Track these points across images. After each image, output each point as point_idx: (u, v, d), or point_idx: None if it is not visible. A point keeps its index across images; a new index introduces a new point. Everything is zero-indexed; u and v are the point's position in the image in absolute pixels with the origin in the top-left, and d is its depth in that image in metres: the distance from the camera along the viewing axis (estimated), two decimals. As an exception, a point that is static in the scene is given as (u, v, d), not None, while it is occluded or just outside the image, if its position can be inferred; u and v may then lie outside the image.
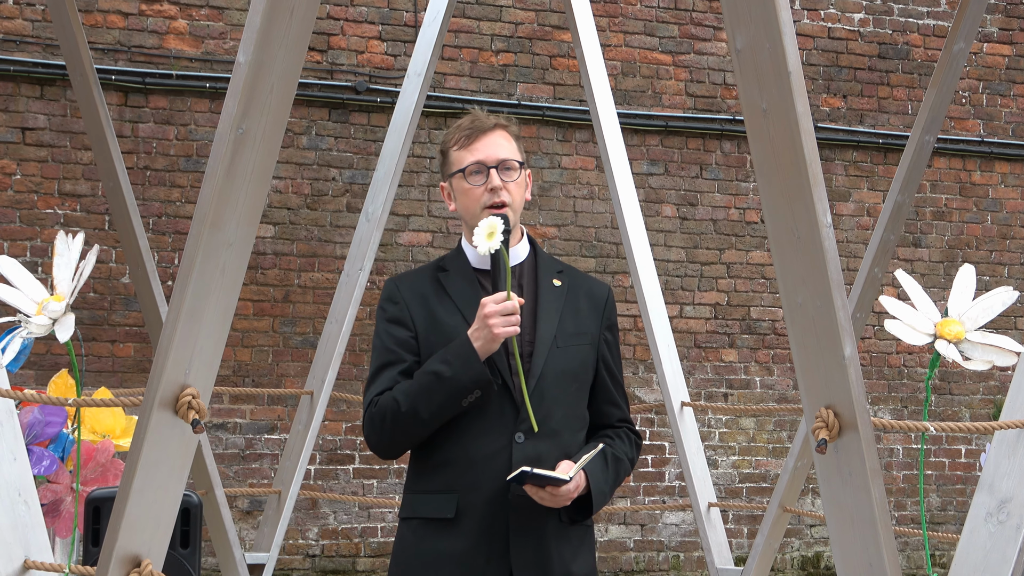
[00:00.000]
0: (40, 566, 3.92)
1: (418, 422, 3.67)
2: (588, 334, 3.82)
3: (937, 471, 12.28)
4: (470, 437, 3.70)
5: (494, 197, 3.76)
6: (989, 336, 3.40)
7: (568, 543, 3.73)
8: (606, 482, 3.75)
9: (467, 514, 3.67)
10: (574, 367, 3.78)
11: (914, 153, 6.95)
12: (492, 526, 3.66)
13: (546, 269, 3.87)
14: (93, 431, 5.63)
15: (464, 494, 3.68)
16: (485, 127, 3.83)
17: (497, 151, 3.80)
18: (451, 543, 3.67)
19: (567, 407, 3.76)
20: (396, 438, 3.72)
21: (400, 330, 3.77)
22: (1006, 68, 12.66)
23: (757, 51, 2.88)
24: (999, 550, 3.96)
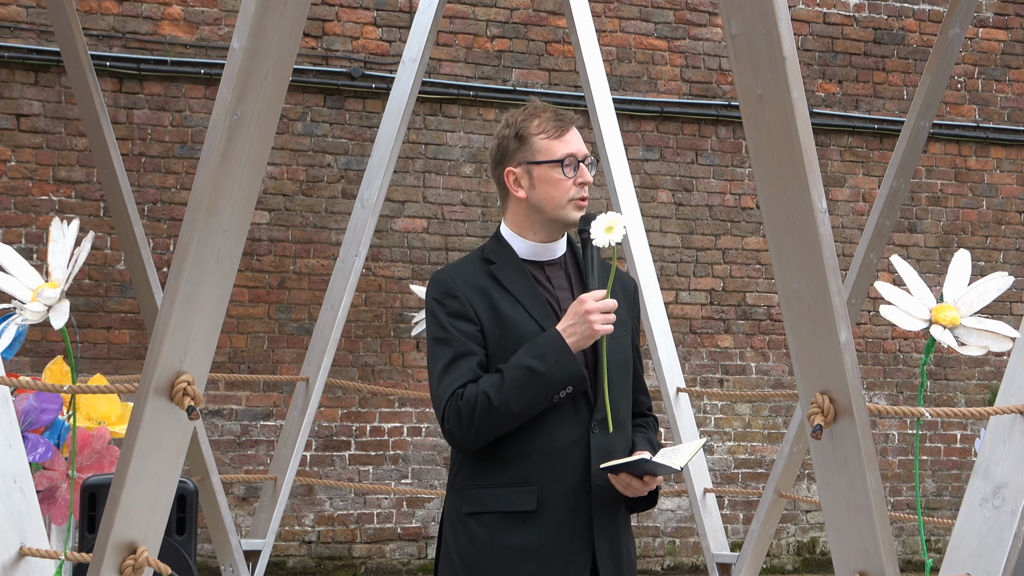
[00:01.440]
0: (36, 553, 3.92)
1: (509, 416, 3.64)
2: (627, 324, 3.84)
3: (932, 456, 12.30)
4: (546, 430, 3.69)
5: (582, 191, 3.77)
6: (984, 321, 3.40)
7: (629, 532, 3.83)
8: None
9: (547, 506, 3.66)
10: (626, 358, 3.82)
11: (909, 138, 6.95)
12: (572, 518, 3.67)
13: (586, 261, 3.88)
14: (88, 418, 5.63)
15: (543, 486, 3.66)
16: (571, 120, 3.84)
17: (583, 146, 3.82)
18: (531, 536, 3.66)
19: (626, 396, 3.82)
20: (483, 431, 3.66)
21: (465, 324, 3.73)
22: (1001, 53, 12.65)
23: (752, 36, 2.88)
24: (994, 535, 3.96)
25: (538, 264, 3.82)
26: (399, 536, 10.86)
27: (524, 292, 3.75)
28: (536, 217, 3.79)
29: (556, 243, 3.84)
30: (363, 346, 10.78)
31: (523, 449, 3.68)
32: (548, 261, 3.83)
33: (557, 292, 3.80)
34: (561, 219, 3.77)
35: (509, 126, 3.83)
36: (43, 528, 4.02)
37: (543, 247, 3.82)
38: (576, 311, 3.65)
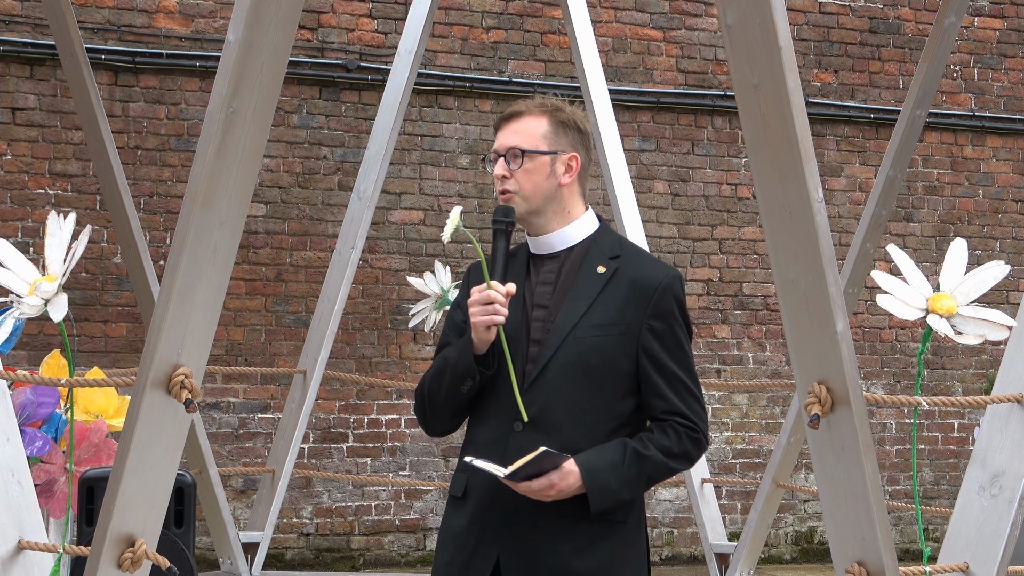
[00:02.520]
0: (34, 546, 3.92)
1: (435, 403, 3.75)
2: (621, 323, 3.70)
3: (930, 445, 12.31)
4: (480, 421, 3.74)
5: (500, 184, 3.77)
6: (981, 310, 3.40)
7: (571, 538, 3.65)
8: (617, 479, 3.63)
9: (471, 494, 3.70)
10: (590, 359, 3.68)
11: (906, 128, 6.95)
12: (489, 508, 3.66)
13: (597, 254, 3.79)
14: (86, 411, 5.62)
15: (472, 475, 3.69)
16: (509, 113, 3.84)
17: (509, 138, 3.79)
18: (458, 521, 3.72)
19: (573, 400, 3.68)
20: (427, 417, 3.82)
21: (458, 313, 3.83)
22: (997, 42, 12.65)
23: (748, 27, 2.88)
24: (992, 524, 3.97)
25: (540, 258, 3.81)
26: (397, 528, 10.87)
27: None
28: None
29: (549, 237, 3.80)
30: (360, 338, 10.78)
31: (469, 438, 3.76)
32: (549, 255, 3.80)
33: (537, 287, 3.77)
34: None
35: None
36: (41, 522, 4.03)
37: (535, 241, 3.81)
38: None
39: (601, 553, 3.66)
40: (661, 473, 3.70)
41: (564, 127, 3.82)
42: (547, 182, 3.77)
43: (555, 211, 3.79)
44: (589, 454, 3.63)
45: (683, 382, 3.72)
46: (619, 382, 3.71)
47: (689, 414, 3.71)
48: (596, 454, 3.64)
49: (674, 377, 3.71)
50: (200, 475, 7.60)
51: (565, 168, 3.79)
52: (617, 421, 3.72)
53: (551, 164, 3.78)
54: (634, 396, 3.73)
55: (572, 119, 3.84)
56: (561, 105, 3.86)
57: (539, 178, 3.76)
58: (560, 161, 3.79)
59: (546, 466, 3.56)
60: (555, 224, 3.80)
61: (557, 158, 3.78)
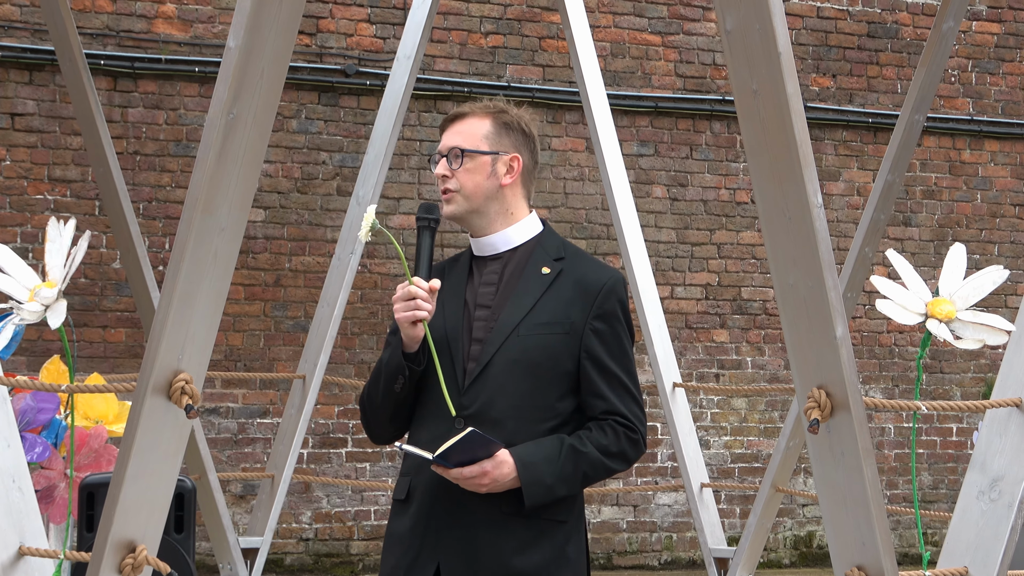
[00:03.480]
0: (35, 552, 3.92)
1: (374, 407, 3.79)
2: (565, 323, 3.73)
3: (929, 450, 12.31)
4: (421, 421, 3.76)
5: (442, 184, 3.79)
6: (980, 315, 3.41)
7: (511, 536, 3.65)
8: (552, 474, 3.63)
9: (414, 496, 3.71)
10: (534, 356, 3.70)
11: (904, 132, 6.96)
12: (431, 509, 3.67)
13: (541, 255, 3.82)
14: (86, 417, 5.63)
15: (414, 476, 3.72)
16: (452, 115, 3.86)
17: (451, 139, 3.82)
18: (402, 523, 3.73)
19: (516, 397, 3.69)
20: (370, 422, 3.86)
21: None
22: (995, 46, 12.66)
23: (747, 32, 2.89)
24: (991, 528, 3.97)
25: (483, 259, 3.83)
26: (396, 533, 10.86)
27: (450, 287, 3.80)
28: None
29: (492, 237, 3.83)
30: (359, 343, 10.78)
31: (410, 440, 3.77)
32: (492, 256, 3.83)
33: (480, 287, 3.79)
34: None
35: None
36: (42, 527, 4.03)
37: (478, 242, 3.84)
38: None
39: (541, 552, 3.66)
40: (597, 471, 3.72)
41: (507, 128, 3.84)
42: (488, 182, 3.79)
43: (497, 211, 3.82)
44: (525, 447, 3.64)
45: (623, 383, 3.75)
46: (561, 381, 3.72)
47: (628, 415, 3.74)
48: (532, 448, 3.65)
49: (614, 378, 3.74)
50: (200, 480, 7.60)
51: (507, 169, 3.81)
52: (557, 420, 3.73)
53: (492, 164, 3.80)
54: (574, 396, 3.75)
55: (516, 121, 3.86)
56: (506, 107, 3.89)
57: (480, 178, 3.79)
58: (501, 162, 3.81)
59: (479, 453, 3.57)
60: (498, 225, 3.82)
61: (498, 158, 3.81)
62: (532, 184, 3.90)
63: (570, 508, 3.74)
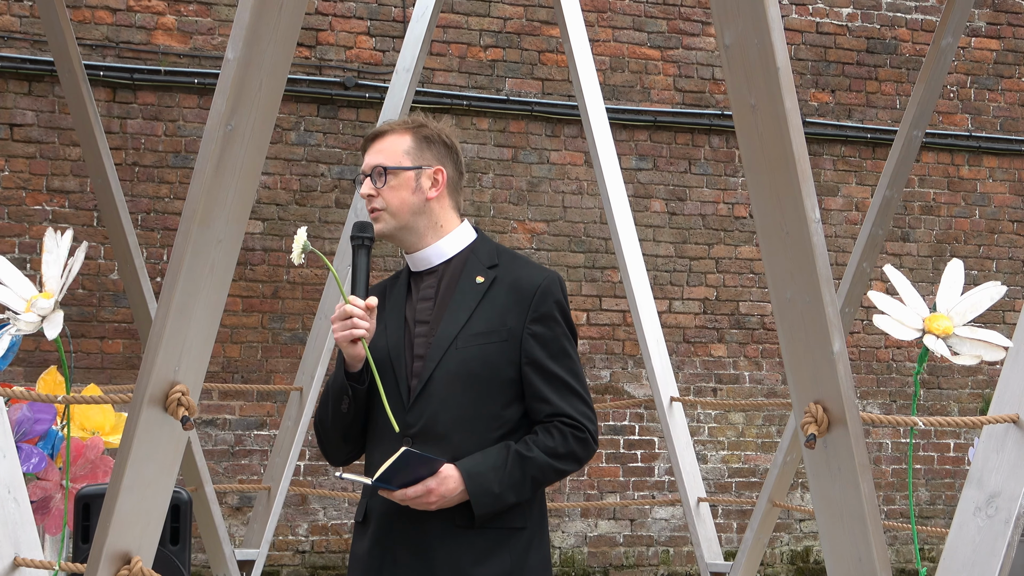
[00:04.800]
0: (30, 563, 3.91)
1: (324, 429, 3.85)
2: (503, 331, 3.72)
3: (926, 465, 12.30)
4: (373, 442, 3.79)
5: (369, 203, 3.80)
6: (977, 331, 3.41)
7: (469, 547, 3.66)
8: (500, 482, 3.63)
9: (371, 518, 3.74)
10: (473, 368, 3.69)
11: (902, 148, 6.95)
12: (385, 529, 3.69)
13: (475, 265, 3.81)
14: (82, 428, 5.62)
15: (369, 499, 3.75)
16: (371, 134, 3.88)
17: (372, 158, 3.83)
18: (361, 545, 3.76)
19: (460, 410, 3.69)
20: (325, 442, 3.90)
21: None
22: (994, 63, 12.68)
23: (746, 46, 2.89)
24: (988, 544, 3.96)
25: (419, 275, 3.84)
26: (393, 546, 10.86)
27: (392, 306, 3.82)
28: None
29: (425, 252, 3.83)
30: (357, 356, 10.77)
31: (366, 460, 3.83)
32: (428, 270, 3.83)
33: (417, 303, 3.80)
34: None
35: None
36: (37, 538, 4.02)
37: (412, 258, 3.85)
38: None
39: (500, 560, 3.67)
40: (546, 475, 3.71)
41: (428, 142, 3.85)
42: (413, 197, 3.80)
43: (427, 226, 3.82)
44: (471, 458, 3.65)
45: (567, 384, 3.74)
46: (504, 389, 3.72)
47: (574, 414, 3.73)
48: (478, 458, 3.65)
49: (557, 380, 3.73)
50: (196, 492, 7.58)
51: (431, 182, 3.82)
52: (505, 428, 3.73)
53: (416, 179, 3.81)
54: (519, 402, 3.75)
55: (437, 134, 3.88)
56: (425, 121, 3.90)
57: (405, 193, 3.79)
58: (425, 175, 3.82)
59: (421, 472, 3.57)
60: (429, 239, 3.83)
61: (422, 173, 3.81)
62: (460, 194, 3.91)
63: (527, 514, 3.74)
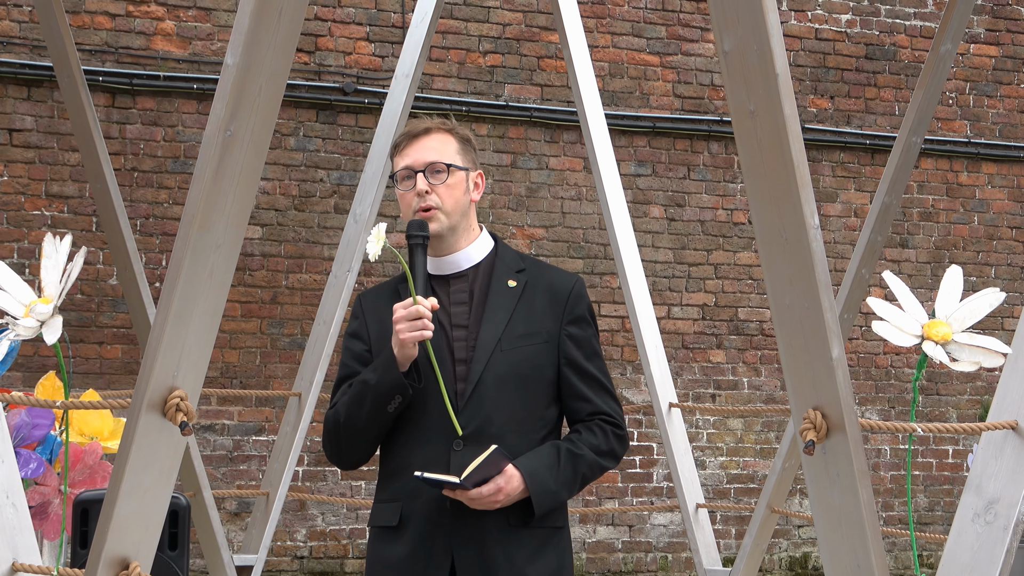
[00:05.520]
0: (28, 569, 3.91)
1: (355, 431, 3.71)
2: (543, 332, 3.76)
3: (925, 472, 12.30)
4: (411, 445, 3.71)
5: (422, 201, 3.73)
6: (976, 337, 3.40)
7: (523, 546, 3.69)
8: (556, 480, 3.68)
9: (409, 522, 3.68)
10: (521, 370, 3.72)
11: (901, 154, 6.95)
12: (432, 533, 3.65)
13: (503, 269, 3.82)
14: (81, 433, 5.61)
15: (406, 502, 3.69)
16: (416, 131, 3.81)
17: (425, 155, 3.76)
18: (395, 550, 3.69)
19: (512, 410, 3.71)
20: (342, 448, 3.78)
21: (356, 343, 3.81)
22: (993, 69, 12.68)
23: (745, 52, 2.89)
24: (987, 551, 3.96)
25: (445, 279, 3.80)
26: (391, 551, 10.85)
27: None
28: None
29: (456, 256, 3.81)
30: (355, 361, 10.76)
31: (396, 465, 3.74)
32: (455, 274, 3.81)
33: (452, 307, 3.77)
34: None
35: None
36: (35, 544, 4.01)
37: (441, 261, 3.80)
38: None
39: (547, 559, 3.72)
40: (593, 472, 3.78)
41: (467, 145, 3.85)
42: (464, 198, 3.80)
43: (464, 228, 3.82)
44: (526, 458, 3.67)
45: (601, 383, 3.82)
46: (547, 390, 3.77)
47: (612, 413, 3.82)
48: (533, 457, 3.69)
49: (594, 379, 3.81)
50: (194, 497, 7.58)
51: (474, 185, 3.83)
52: (547, 428, 3.79)
53: (467, 180, 3.81)
54: (557, 402, 3.81)
55: (470, 138, 3.88)
56: (455, 125, 3.88)
57: (459, 193, 3.79)
58: (471, 178, 3.83)
59: (491, 471, 3.59)
60: (462, 242, 3.82)
61: (469, 174, 3.82)
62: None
63: (565, 514, 3.80)
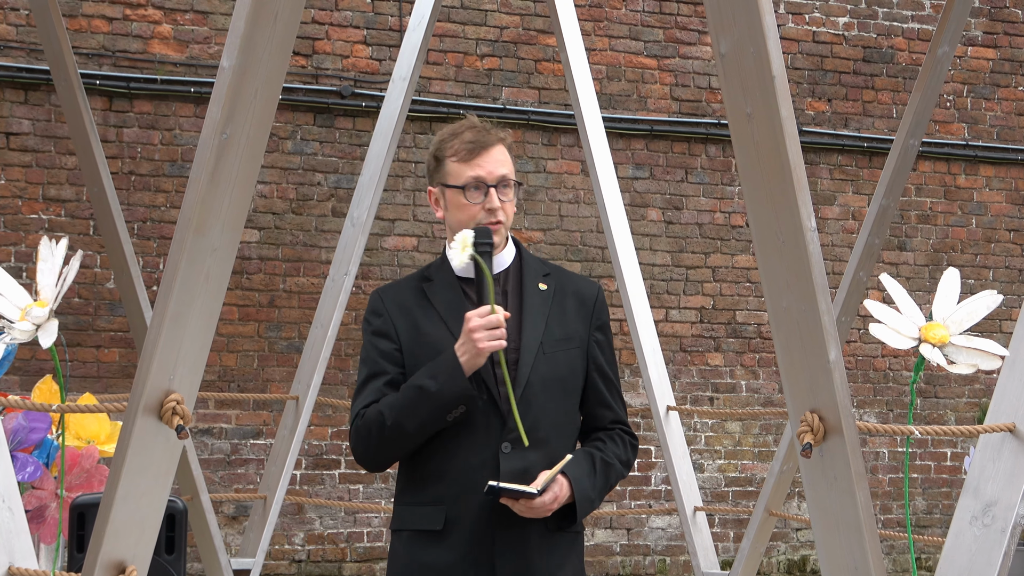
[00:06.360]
0: (25, 573, 3.91)
1: (403, 436, 3.64)
2: (576, 337, 3.77)
3: (922, 474, 12.30)
4: (457, 449, 3.66)
5: (491, 217, 3.72)
6: (974, 340, 3.40)
7: (556, 551, 3.70)
8: (593, 488, 3.71)
9: (455, 526, 3.64)
10: (562, 373, 3.72)
11: (899, 157, 6.95)
12: (478, 538, 3.63)
13: (532, 273, 3.82)
14: (78, 437, 5.61)
15: (451, 506, 3.65)
16: (488, 143, 3.76)
17: (497, 168, 3.74)
18: (438, 555, 3.64)
19: (555, 415, 3.71)
20: (382, 451, 3.69)
21: (384, 342, 3.73)
22: (990, 72, 12.68)
23: (741, 55, 2.88)
24: (984, 554, 3.96)
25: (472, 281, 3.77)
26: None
27: (449, 310, 3.72)
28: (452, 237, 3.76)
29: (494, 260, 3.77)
30: (353, 364, 10.77)
31: (437, 468, 3.68)
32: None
33: None
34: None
35: (433, 144, 3.86)
36: (32, 548, 4.01)
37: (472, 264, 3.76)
38: (464, 329, 3.61)
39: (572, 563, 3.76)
40: (616, 481, 3.83)
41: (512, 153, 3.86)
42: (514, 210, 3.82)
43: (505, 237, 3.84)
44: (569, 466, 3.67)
45: (619, 390, 3.88)
46: (578, 394, 3.81)
47: (628, 422, 3.89)
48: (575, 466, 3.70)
49: (614, 386, 3.86)
50: (192, 501, 7.57)
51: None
52: (577, 432, 3.84)
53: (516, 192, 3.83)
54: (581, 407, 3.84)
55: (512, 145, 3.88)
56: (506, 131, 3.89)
57: (513, 207, 3.81)
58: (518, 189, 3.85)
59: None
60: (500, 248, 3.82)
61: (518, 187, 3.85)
62: None
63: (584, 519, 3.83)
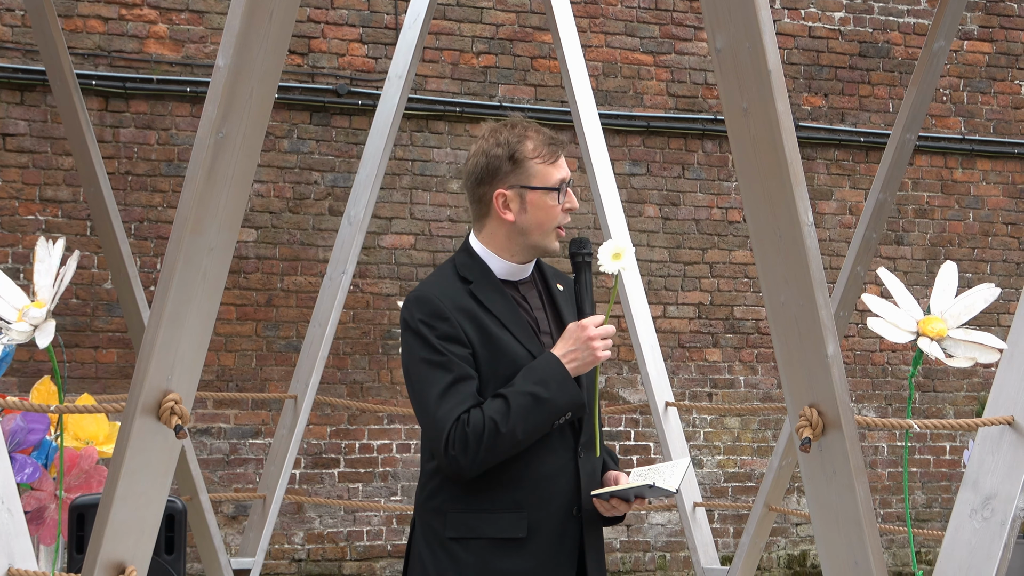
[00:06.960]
0: (24, 574, 3.90)
1: (514, 443, 3.57)
2: None
3: (922, 468, 12.30)
4: (535, 455, 3.63)
5: (566, 217, 3.77)
6: (972, 333, 3.40)
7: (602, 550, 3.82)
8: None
9: (537, 532, 3.61)
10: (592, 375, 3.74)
11: (895, 151, 6.95)
12: (561, 543, 3.63)
13: (551, 274, 3.86)
14: (76, 438, 5.61)
15: (532, 512, 3.61)
16: (562, 144, 3.82)
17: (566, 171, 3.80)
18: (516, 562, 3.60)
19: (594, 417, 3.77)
20: (489, 458, 3.57)
21: (458, 347, 3.63)
22: (986, 65, 12.68)
23: (737, 51, 2.88)
24: (984, 547, 3.96)
25: (513, 284, 3.77)
26: (389, 553, 10.84)
27: (507, 314, 3.68)
28: (519, 240, 3.73)
29: (529, 263, 3.80)
30: (351, 363, 10.76)
31: (514, 475, 3.62)
32: (521, 281, 3.79)
33: (535, 313, 3.76)
34: (543, 245, 3.74)
35: (500, 145, 3.73)
36: (31, 549, 4.01)
37: (519, 267, 3.77)
38: (577, 336, 3.62)
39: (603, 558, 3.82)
40: None
41: None
42: None
43: None
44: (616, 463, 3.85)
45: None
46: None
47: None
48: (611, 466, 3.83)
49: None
50: (191, 501, 7.57)
51: None
52: None
53: None
54: None
55: None
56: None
57: None
58: None
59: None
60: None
61: None
62: None
63: None
